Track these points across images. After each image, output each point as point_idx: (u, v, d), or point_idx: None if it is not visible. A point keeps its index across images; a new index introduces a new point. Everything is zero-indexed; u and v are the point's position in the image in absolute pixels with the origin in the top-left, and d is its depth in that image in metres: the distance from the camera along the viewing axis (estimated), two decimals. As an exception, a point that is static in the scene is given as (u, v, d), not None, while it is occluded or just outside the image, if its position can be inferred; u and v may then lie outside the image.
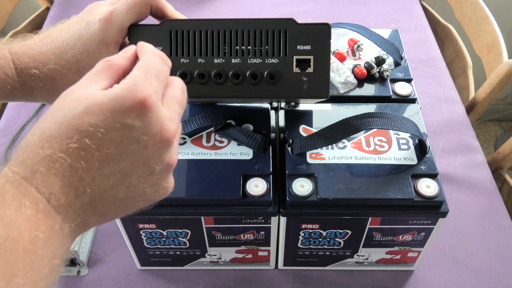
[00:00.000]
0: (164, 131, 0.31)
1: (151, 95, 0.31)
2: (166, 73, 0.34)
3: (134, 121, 0.30)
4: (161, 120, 0.31)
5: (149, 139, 0.31)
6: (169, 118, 0.32)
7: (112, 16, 0.42)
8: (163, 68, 0.34)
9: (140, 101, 0.30)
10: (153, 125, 0.31)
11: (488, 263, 0.63)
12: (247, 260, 0.60)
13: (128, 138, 0.30)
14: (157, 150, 0.32)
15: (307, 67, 0.44)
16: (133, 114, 0.30)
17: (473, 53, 0.98)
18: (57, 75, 0.43)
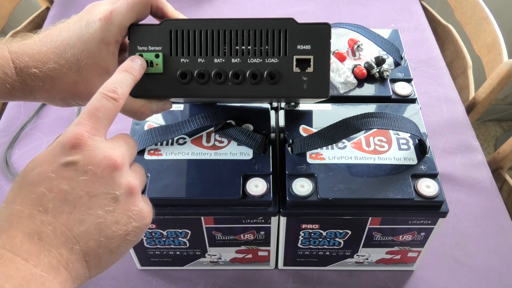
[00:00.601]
0: (108, 157, 0.33)
1: (82, 132, 0.33)
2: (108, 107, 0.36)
3: (74, 157, 0.32)
4: (102, 149, 0.34)
5: (96, 167, 0.33)
6: (111, 147, 0.34)
7: (112, 15, 0.42)
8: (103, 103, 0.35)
9: (71, 139, 0.33)
10: (95, 154, 0.33)
11: (488, 263, 0.63)
12: (247, 260, 0.60)
13: (75, 172, 0.32)
14: (109, 175, 0.33)
15: (307, 67, 0.44)
16: (71, 151, 0.33)
17: (473, 53, 0.98)
18: (57, 74, 0.43)
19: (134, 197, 0.35)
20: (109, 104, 0.36)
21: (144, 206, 0.36)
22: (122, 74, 0.39)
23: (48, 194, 0.31)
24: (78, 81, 0.43)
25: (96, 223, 0.32)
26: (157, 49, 0.44)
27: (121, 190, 0.34)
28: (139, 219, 0.35)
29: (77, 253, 0.32)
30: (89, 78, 0.43)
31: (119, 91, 0.37)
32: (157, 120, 0.56)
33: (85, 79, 0.43)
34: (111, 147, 0.34)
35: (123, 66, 0.40)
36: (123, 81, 0.38)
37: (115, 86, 0.37)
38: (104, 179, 0.33)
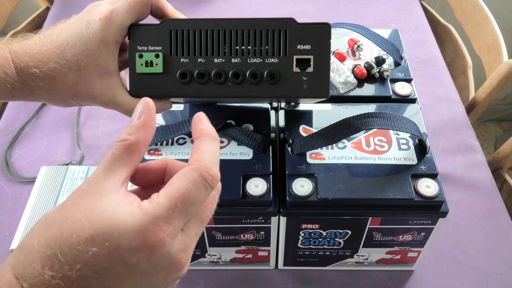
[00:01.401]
0: (173, 265, 0.29)
1: (165, 239, 0.28)
2: (202, 199, 0.30)
3: (139, 261, 0.28)
4: (171, 255, 0.29)
5: (157, 273, 0.29)
6: (182, 249, 0.30)
7: (112, 15, 0.42)
8: (199, 195, 0.29)
9: (149, 245, 0.28)
10: (162, 261, 0.29)
11: (488, 263, 0.63)
12: (247, 260, 0.60)
13: (131, 272, 0.28)
14: (165, 277, 0.30)
15: (307, 67, 0.44)
16: (139, 255, 0.28)
17: (473, 53, 0.98)
18: (57, 74, 0.43)
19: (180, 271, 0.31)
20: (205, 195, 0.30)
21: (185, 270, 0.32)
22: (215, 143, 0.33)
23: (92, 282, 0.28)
24: (78, 81, 0.43)
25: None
26: (157, 49, 0.44)
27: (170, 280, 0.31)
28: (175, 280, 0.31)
29: None
30: (89, 78, 0.43)
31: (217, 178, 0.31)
32: (157, 120, 0.56)
33: (85, 79, 0.43)
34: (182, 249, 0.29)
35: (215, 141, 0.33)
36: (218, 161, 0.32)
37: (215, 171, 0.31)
38: (157, 280, 0.30)
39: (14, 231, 0.59)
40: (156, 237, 0.28)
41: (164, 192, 0.29)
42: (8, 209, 0.70)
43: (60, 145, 0.78)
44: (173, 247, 0.29)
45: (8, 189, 0.72)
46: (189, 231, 0.31)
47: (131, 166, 0.31)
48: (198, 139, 0.33)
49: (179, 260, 0.29)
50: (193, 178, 0.29)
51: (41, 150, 0.77)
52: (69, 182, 0.65)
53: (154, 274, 0.29)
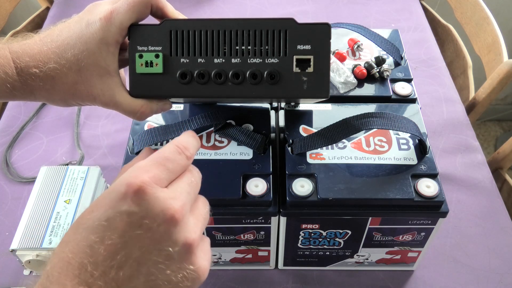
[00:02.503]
0: (166, 210, 0.31)
1: (145, 180, 0.31)
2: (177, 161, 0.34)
3: (130, 207, 0.30)
4: (161, 200, 0.31)
5: (152, 221, 0.31)
6: (171, 197, 0.32)
7: (112, 15, 0.42)
8: (174, 157, 0.34)
9: (133, 187, 0.30)
10: (152, 206, 0.31)
11: (488, 263, 0.63)
12: (247, 260, 0.60)
13: (129, 225, 0.30)
14: (165, 232, 0.31)
15: (307, 67, 0.44)
16: (128, 200, 0.30)
17: (473, 53, 0.98)
18: (57, 74, 0.42)
19: (191, 254, 0.32)
20: (181, 159, 0.34)
21: (200, 263, 0.33)
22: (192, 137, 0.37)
23: (99, 245, 0.30)
24: (78, 81, 0.43)
25: (146, 281, 0.30)
26: (157, 49, 0.44)
27: (176, 247, 0.31)
28: (193, 278, 0.32)
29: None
30: (89, 78, 0.43)
31: (191, 150, 0.35)
32: (157, 120, 0.56)
33: (85, 79, 0.43)
34: (171, 197, 0.32)
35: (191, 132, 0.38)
36: (193, 143, 0.37)
37: (187, 145, 0.35)
38: (159, 235, 0.31)
39: (14, 231, 0.59)
40: (136, 179, 0.31)
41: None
42: (8, 209, 0.70)
43: (60, 145, 0.78)
44: (159, 191, 0.31)
45: (8, 189, 0.72)
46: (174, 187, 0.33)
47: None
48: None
49: (170, 206, 0.31)
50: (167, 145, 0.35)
51: (41, 150, 0.77)
52: (69, 182, 0.65)
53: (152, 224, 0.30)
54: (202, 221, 0.35)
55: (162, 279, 0.31)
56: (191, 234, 0.32)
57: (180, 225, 0.32)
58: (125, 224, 0.30)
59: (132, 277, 0.30)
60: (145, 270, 0.30)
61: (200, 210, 0.35)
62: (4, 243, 0.65)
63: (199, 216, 0.35)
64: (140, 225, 0.30)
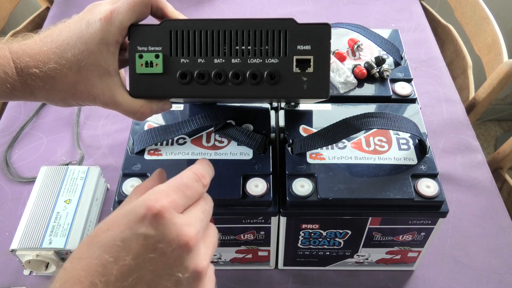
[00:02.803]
0: (181, 236, 0.32)
1: (164, 204, 0.32)
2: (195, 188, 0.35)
3: (148, 230, 0.31)
4: (177, 226, 0.32)
5: (166, 246, 0.31)
6: (187, 223, 0.33)
7: (112, 15, 0.42)
8: (193, 184, 0.35)
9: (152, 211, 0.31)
10: (169, 231, 0.31)
11: (488, 263, 0.63)
12: (247, 260, 0.60)
13: (144, 247, 0.31)
14: (178, 257, 0.32)
15: (307, 67, 0.44)
16: (146, 223, 0.31)
17: (473, 53, 0.98)
18: (57, 75, 0.42)
19: (199, 281, 0.33)
20: (199, 187, 0.36)
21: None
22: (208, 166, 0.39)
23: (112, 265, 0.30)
24: (78, 81, 0.43)
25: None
26: (157, 49, 0.44)
27: (187, 273, 0.32)
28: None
29: None
30: (89, 78, 0.43)
31: (207, 179, 0.37)
32: (157, 120, 0.56)
33: (85, 79, 0.43)
34: (187, 223, 0.33)
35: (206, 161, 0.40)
36: (209, 173, 0.39)
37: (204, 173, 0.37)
38: (172, 260, 0.31)
39: (14, 231, 0.59)
40: (157, 203, 0.32)
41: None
42: (8, 209, 0.70)
43: (60, 145, 0.78)
44: (176, 217, 0.32)
45: (8, 189, 0.72)
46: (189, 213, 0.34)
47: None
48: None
49: (185, 232, 0.32)
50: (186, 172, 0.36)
51: (41, 150, 0.77)
52: (69, 182, 0.65)
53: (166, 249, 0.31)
54: (211, 249, 0.36)
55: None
56: (202, 262, 0.33)
57: (192, 252, 0.32)
58: (141, 247, 0.31)
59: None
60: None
61: (211, 238, 0.36)
62: (4, 243, 0.65)
63: (210, 244, 0.36)
64: (155, 249, 0.31)
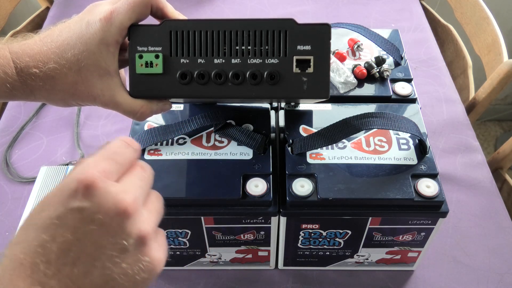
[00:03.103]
0: (118, 204, 0.31)
1: (95, 174, 0.31)
2: (125, 154, 0.34)
3: (82, 203, 0.30)
4: (113, 195, 0.31)
5: (104, 215, 0.30)
6: (123, 190, 0.32)
7: (112, 15, 0.42)
8: (122, 149, 0.34)
9: (83, 183, 0.30)
10: (104, 201, 0.31)
11: (488, 263, 0.63)
12: (247, 260, 0.60)
13: (82, 221, 0.30)
14: (118, 225, 0.31)
15: (307, 68, 0.44)
16: (79, 196, 0.30)
17: (473, 53, 0.98)
18: (57, 75, 0.42)
19: (145, 246, 0.32)
20: (128, 152, 0.34)
21: (156, 254, 0.33)
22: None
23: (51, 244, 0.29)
24: (78, 81, 0.43)
25: (102, 275, 0.30)
26: (157, 49, 0.44)
27: (130, 240, 0.31)
28: (149, 270, 0.32)
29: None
30: (89, 79, 0.43)
31: (137, 144, 0.36)
32: (157, 120, 0.56)
33: (85, 79, 0.43)
34: (123, 190, 0.32)
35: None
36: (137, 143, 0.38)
37: (133, 140, 0.36)
38: (112, 229, 0.31)
39: (14, 231, 0.59)
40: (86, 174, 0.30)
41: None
42: (8, 209, 0.70)
43: (60, 145, 0.78)
44: (110, 185, 0.31)
45: (8, 189, 0.72)
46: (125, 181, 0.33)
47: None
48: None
49: (122, 199, 0.31)
50: (114, 140, 0.35)
51: (41, 150, 0.77)
52: (69, 182, 0.65)
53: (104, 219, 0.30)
54: (155, 215, 0.35)
55: (118, 272, 0.31)
56: (145, 227, 0.32)
57: (133, 218, 0.31)
58: (78, 221, 0.30)
59: (88, 272, 0.30)
60: (100, 265, 0.30)
61: (154, 204, 0.35)
62: (4, 243, 0.65)
63: (153, 210, 0.35)
64: (93, 220, 0.30)
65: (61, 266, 0.29)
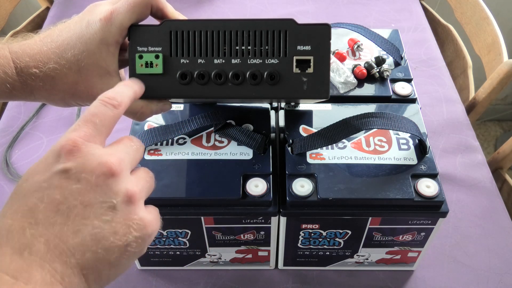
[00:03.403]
0: (102, 163, 0.32)
1: (75, 138, 0.32)
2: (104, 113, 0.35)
3: (66, 164, 0.31)
4: (96, 156, 0.32)
5: (89, 174, 0.31)
6: (107, 153, 0.33)
7: (112, 15, 0.42)
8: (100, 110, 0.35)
9: (65, 145, 0.31)
10: (89, 161, 0.31)
11: (488, 263, 0.63)
12: (247, 260, 0.60)
13: (68, 180, 0.31)
14: (105, 183, 0.32)
15: (307, 68, 0.44)
16: (63, 158, 0.31)
17: (473, 53, 0.98)
18: (57, 75, 0.43)
19: (134, 205, 0.33)
20: (107, 110, 0.35)
21: (145, 214, 0.33)
22: (123, 86, 0.39)
23: (40, 205, 0.30)
24: (78, 81, 0.43)
25: (92, 234, 0.30)
26: (157, 49, 0.44)
27: (118, 198, 0.32)
28: (139, 229, 0.32)
29: (73, 267, 0.30)
30: (89, 78, 0.43)
31: (118, 99, 0.36)
32: (157, 120, 0.56)
33: (85, 79, 0.43)
34: (107, 153, 0.33)
35: (124, 82, 0.40)
36: (123, 91, 0.38)
37: (114, 95, 0.36)
38: (99, 187, 0.31)
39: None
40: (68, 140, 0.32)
41: None
42: (8, 209, 0.70)
43: (60, 145, 0.78)
44: (94, 148, 0.32)
45: (8, 189, 0.72)
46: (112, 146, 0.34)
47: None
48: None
49: (106, 159, 0.32)
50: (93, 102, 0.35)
51: (41, 150, 0.77)
52: (69, 182, 0.65)
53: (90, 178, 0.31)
54: (143, 183, 0.35)
55: (108, 230, 0.31)
56: (132, 186, 0.33)
57: (119, 177, 0.32)
58: (64, 181, 0.31)
59: (78, 231, 0.30)
60: (89, 223, 0.31)
61: (141, 174, 0.36)
62: (4, 243, 0.65)
63: (140, 178, 0.35)
64: (79, 180, 0.31)
65: (49, 226, 0.30)
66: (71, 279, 0.29)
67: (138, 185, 0.34)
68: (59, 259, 0.29)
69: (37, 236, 0.29)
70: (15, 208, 0.30)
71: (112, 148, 0.34)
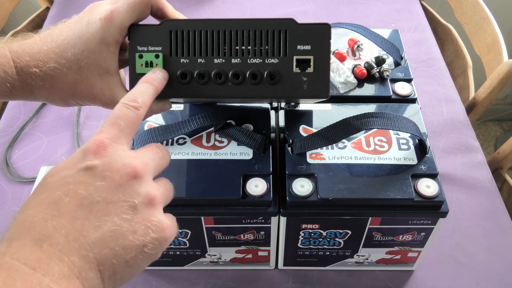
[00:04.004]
0: (127, 165, 0.33)
1: (102, 139, 0.33)
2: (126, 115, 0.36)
3: (93, 162, 0.32)
4: (122, 157, 0.33)
5: (114, 173, 0.32)
6: (132, 156, 0.34)
7: (112, 15, 0.42)
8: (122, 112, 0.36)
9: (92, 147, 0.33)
10: (114, 161, 0.33)
11: (488, 263, 0.63)
12: (247, 260, 0.60)
13: (93, 177, 0.32)
14: (128, 183, 0.33)
15: (307, 67, 0.44)
16: (90, 156, 0.32)
17: (473, 53, 0.98)
18: (57, 74, 0.43)
19: (154, 208, 0.34)
20: (130, 112, 0.36)
21: (164, 218, 0.34)
22: (143, 85, 0.40)
23: (64, 198, 0.30)
24: (78, 80, 0.43)
25: (112, 231, 0.31)
26: (157, 49, 0.44)
27: (139, 199, 0.33)
28: (158, 231, 0.33)
29: (90, 262, 0.30)
30: (89, 78, 0.43)
31: (139, 100, 0.37)
32: (157, 120, 0.56)
33: (85, 79, 0.43)
34: (133, 156, 0.34)
35: (144, 77, 0.41)
36: (144, 91, 0.39)
37: (135, 96, 0.38)
38: (122, 187, 0.32)
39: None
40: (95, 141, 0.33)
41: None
42: (8, 209, 0.70)
43: (60, 145, 0.78)
44: (120, 149, 0.34)
45: (8, 189, 0.72)
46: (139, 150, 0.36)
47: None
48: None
49: (131, 161, 0.33)
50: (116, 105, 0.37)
51: (41, 150, 0.77)
52: (69, 182, 0.65)
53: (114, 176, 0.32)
54: (163, 190, 0.36)
55: (127, 229, 0.32)
56: (153, 190, 0.34)
57: (142, 180, 0.33)
58: (89, 177, 0.32)
59: (98, 227, 0.31)
60: (110, 220, 0.31)
61: (163, 182, 0.37)
62: (4, 243, 0.65)
63: (161, 186, 0.36)
64: (104, 177, 0.32)
65: (71, 219, 0.30)
66: (87, 274, 0.30)
67: (159, 190, 0.35)
68: (77, 252, 0.30)
69: (58, 228, 0.30)
70: (39, 200, 0.31)
71: (139, 152, 0.35)
